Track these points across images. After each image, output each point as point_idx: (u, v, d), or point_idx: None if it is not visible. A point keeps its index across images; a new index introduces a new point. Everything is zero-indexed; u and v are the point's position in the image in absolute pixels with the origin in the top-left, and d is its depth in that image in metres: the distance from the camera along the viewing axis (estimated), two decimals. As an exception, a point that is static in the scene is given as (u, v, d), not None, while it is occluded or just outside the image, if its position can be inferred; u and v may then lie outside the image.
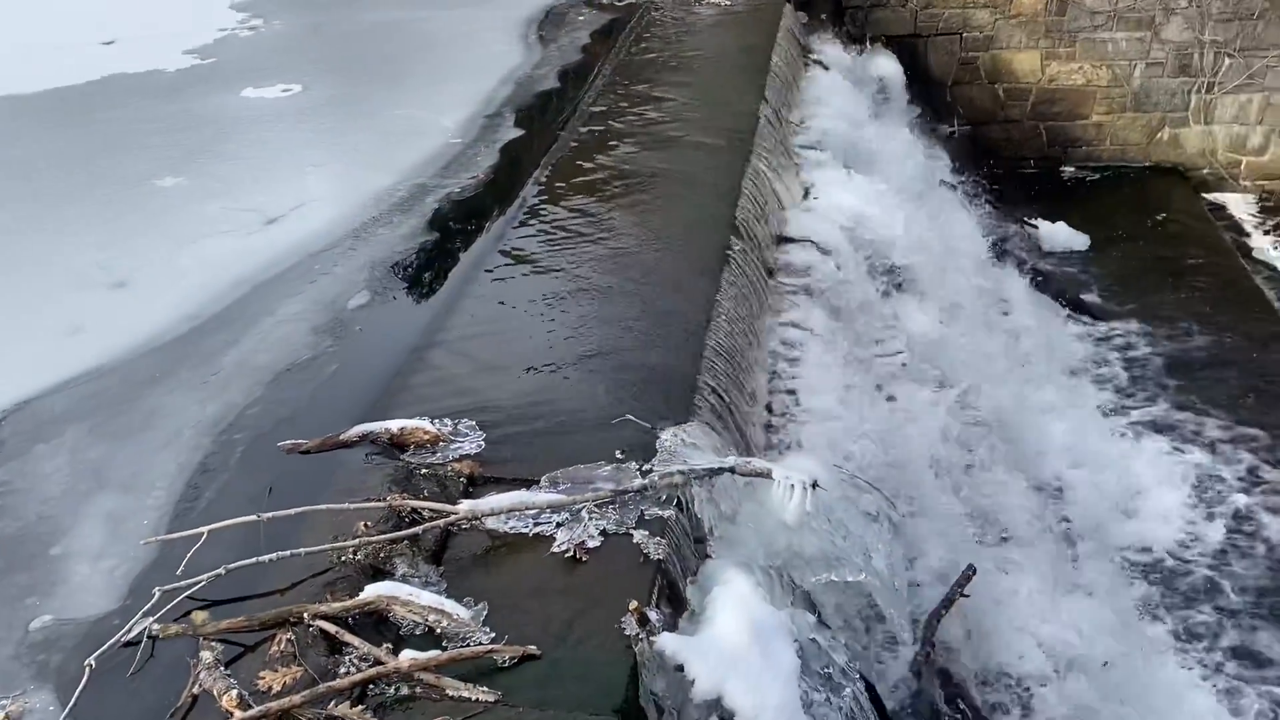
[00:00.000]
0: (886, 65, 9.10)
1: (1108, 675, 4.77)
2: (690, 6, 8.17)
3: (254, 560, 2.72)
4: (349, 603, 2.66)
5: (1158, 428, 6.72)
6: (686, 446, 3.40)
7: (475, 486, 3.27)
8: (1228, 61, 9.83)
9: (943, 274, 6.52)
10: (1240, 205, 10.21)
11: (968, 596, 3.87)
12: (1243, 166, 10.30)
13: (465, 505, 3.06)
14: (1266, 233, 9.65)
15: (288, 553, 2.74)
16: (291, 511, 2.89)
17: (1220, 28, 9.68)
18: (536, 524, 3.03)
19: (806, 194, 6.23)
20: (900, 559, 3.64)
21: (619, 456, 3.28)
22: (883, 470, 4.32)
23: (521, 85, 6.93)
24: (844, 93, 7.80)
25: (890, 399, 5.04)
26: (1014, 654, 4.41)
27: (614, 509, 3.08)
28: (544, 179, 5.48)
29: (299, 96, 6.86)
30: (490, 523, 3.04)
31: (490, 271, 4.56)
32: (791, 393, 4.53)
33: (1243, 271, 8.81)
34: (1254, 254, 9.33)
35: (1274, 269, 9.08)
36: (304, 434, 3.37)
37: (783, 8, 8.18)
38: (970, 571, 3.93)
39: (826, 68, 8.12)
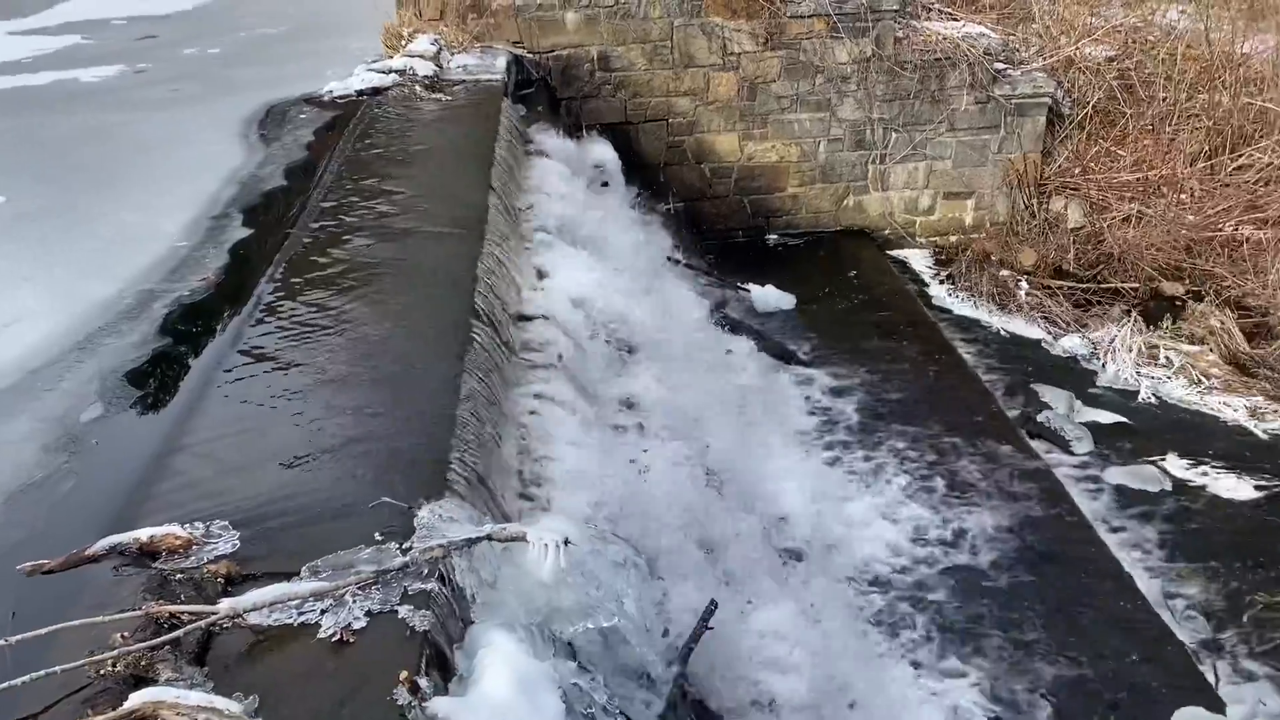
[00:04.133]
0: (603, 151, 9.75)
1: (845, 694, 5.31)
2: (412, 102, 8.46)
3: (4, 686, 2.65)
4: (112, 714, 2.65)
5: (866, 459, 7.55)
6: (444, 521, 3.59)
7: (234, 585, 3.30)
8: (895, 136, 11.28)
9: (669, 339, 7.07)
10: (919, 259, 11.64)
11: (712, 629, 4.26)
12: (917, 225, 11.78)
13: (226, 604, 3.10)
14: (941, 282, 11.06)
15: (42, 673, 2.69)
16: (41, 632, 2.83)
17: (885, 107, 11.10)
18: (301, 613, 3.11)
19: (540, 274, 6.61)
20: (650, 602, 3.98)
21: (378, 538, 3.41)
22: (629, 522, 4.67)
23: (246, 185, 6.93)
24: (566, 178, 8.31)
25: (631, 456, 5.43)
26: (759, 680, 4.85)
27: (377, 589, 3.21)
28: (279, 276, 5.51)
29: (1, 208, 6.52)
30: (253, 618, 3.09)
31: (230, 372, 4.56)
32: (541, 459, 4.81)
33: (924, 316, 10.06)
34: (933, 301, 10.67)
35: (949, 312, 10.43)
36: (45, 554, 3.28)
37: (501, 101, 8.63)
38: (713, 606, 4.33)
39: (548, 156, 8.62)
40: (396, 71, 8.90)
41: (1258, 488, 7.68)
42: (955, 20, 11.55)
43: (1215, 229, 10.80)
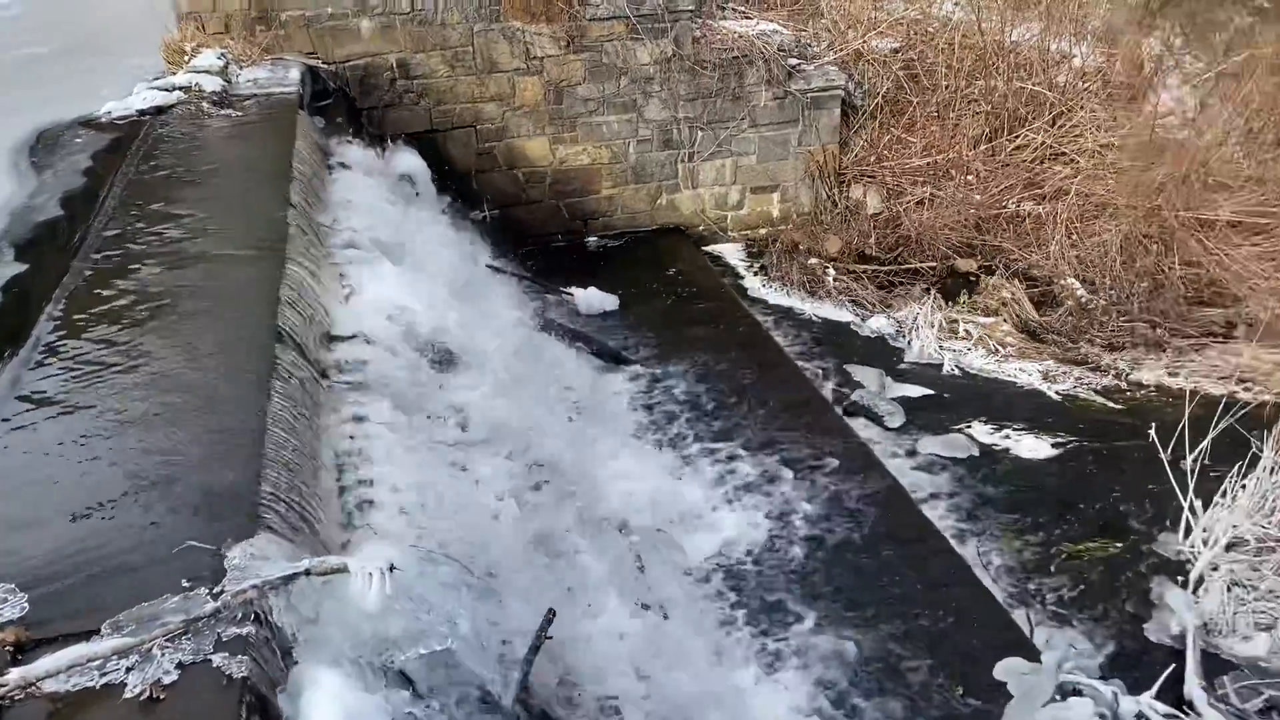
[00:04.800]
0: (410, 161, 9.54)
1: (688, 688, 5.35)
2: (200, 120, 8.02)
3: None
4: (-117, 815, 2.38)
5: (697, 451, 7.67)
6: (258, 560, 3.41)
7: (25, 653, 3.03)
8: (700, 134, 11.53)
9: (492, 348, 6.97)
10: (733, 253, 11.94)
11: (551, 638, 4.22)
12: (729, 220, 12.09)
13: (16, 673, 2.84)
14: (755, 274, 11.39)
15: None
16: None
17: (689, 106, 11.33)
18: (104, 674, 2.89)
19: (350, 292, 6.38)
20: (485, 619, 3.89)
21: (186, 585, 3.21)
22: (460, 538, 4.57)
23: (18, 217, 6.38)
24: (372, 190, 8.07)
25: (459, 471, 5.32)
26: (606, 686, 4.84)
27: (188, 639, 3.02)
28: (59, 313, 5.12)
29: None
30: (49, 685, 2.85)
31: (9, 421, 4.20)
32: (363, 483, 4.65)
33: (742, 308, 10.33)
34: (749, 292, 10.97)
35: (765, 302, 10.75)
36: None
37: (297, 114, 8.30)
38: (551, 615, 4.29)
39: (351, 168, 8.35)
40: (181, 88, 8.42)
41: (1055, 445, 8.26)
42: (749, 19, 11.92)
43: (1000, 206, 11.56)
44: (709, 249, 11.87)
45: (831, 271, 10.93)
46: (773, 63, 11.24)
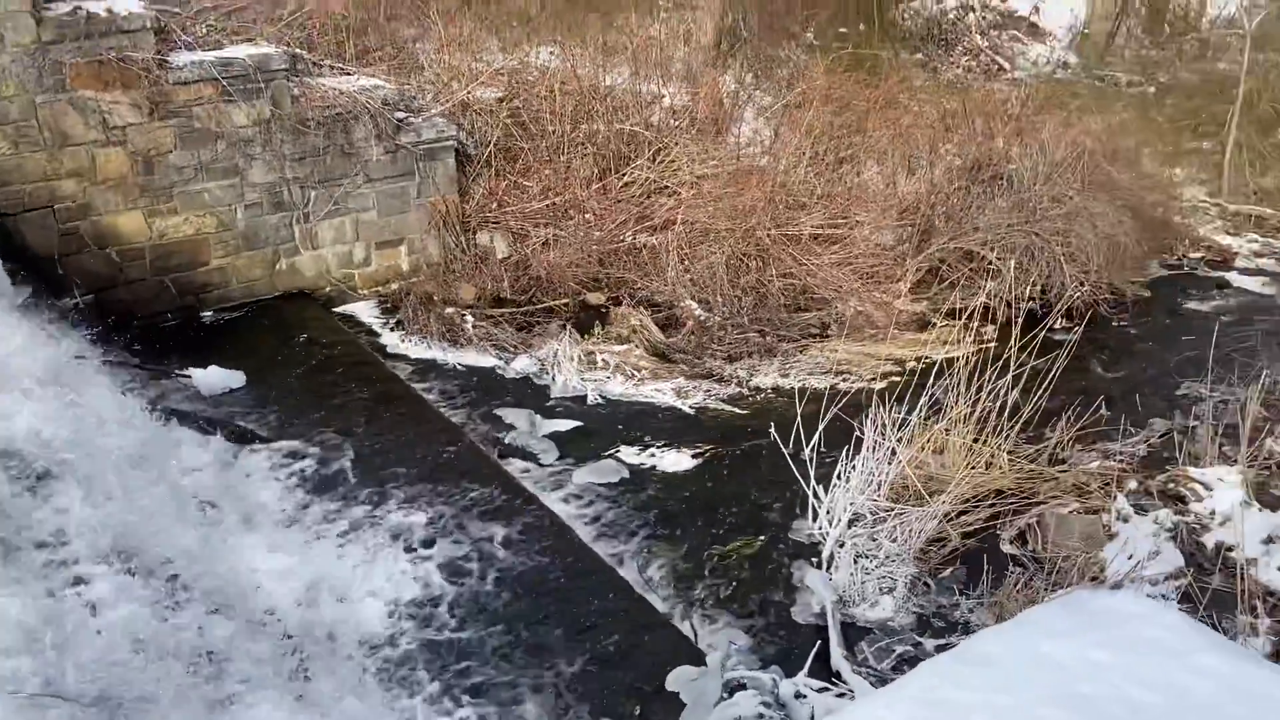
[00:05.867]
0: (-29, 251, 8.38)
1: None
2: None
3: None
4: None
5: (351, 524, 7.32)
6: None
7: None
8: (314, 193, 11.12)
9: (97, 450, 6.25)
10: (366, 311, 11.61)
11: (199, 761, 3.82)
12: (356, 279, 11.76)
13: None
14: (392, 330, 11.14)
15: None
16: None
17: (297, 166, 10.90)
18: None
19: (-96, 412, 5.47)
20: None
21: None
22: (78, 674, 4.02)
23: None
24: (-76, 291, 6.99)
25: (70, 597, 4.70)
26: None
27: None
28: None
29: None
30: None
31: None
32: (-58, 637, 3.97)
33: (382, 366, 10.08)
34: (388, 350, 10.72)
35: (406, 357, 10.56)
36: None
37: None
38: (196, 735, 3.89)
39: (-107, 267, 7.18)
40: None
41: (694, 456, 8.80)
42: (349, 74, 11.71)
43: (618, 240, 12.20)
44: (340, 310, 11.47)
45: (470, 319, 10.96)
46: (379, 117, 11.12)
